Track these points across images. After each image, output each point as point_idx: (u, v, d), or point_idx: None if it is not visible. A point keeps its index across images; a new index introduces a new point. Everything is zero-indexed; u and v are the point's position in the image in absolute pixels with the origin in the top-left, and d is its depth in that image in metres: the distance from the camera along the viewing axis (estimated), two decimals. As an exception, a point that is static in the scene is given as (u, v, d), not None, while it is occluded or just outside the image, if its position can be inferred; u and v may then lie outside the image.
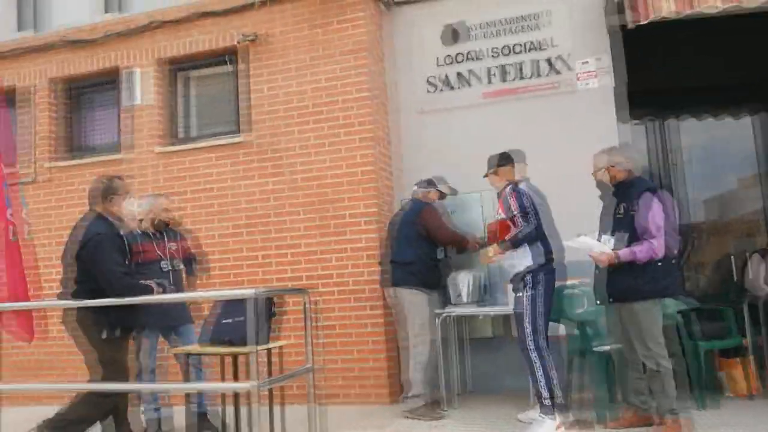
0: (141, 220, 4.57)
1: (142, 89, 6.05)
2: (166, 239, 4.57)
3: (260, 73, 5.70)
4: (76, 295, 3.61)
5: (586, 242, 3.78)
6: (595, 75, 5.24)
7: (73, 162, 6.23)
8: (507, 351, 5.25)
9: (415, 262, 4.68)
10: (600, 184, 3.95)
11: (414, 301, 4.64)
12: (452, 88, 5.66)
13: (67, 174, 6.21)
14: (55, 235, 6.09)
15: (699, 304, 5.21)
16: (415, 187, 5.02)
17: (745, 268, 5.10)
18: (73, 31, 6.30)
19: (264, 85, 5.68)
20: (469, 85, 5.61)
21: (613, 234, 3.77)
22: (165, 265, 4.45)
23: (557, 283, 4.78)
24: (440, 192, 5.02)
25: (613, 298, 3.80)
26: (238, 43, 5.74)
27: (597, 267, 3.87)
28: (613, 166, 3.87)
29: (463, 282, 4.97)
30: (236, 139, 5.71)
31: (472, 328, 5.39)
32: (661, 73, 5.89)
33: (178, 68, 6.16)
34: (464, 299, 4.92)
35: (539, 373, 3.83)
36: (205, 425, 4.43)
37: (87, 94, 6.52)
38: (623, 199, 3.79)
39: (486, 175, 4.41)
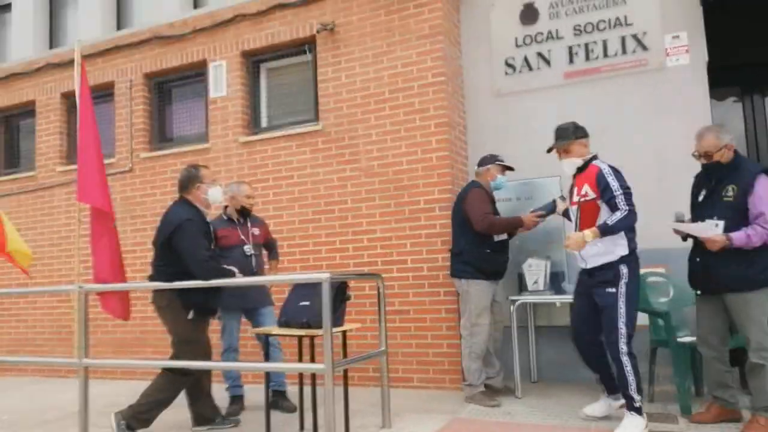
0: (226, 207, 4.80)
1: (227, 81, 6.31)
2: (249, 225, 4.77)
3: (338, 61, 5.79)
4: (164, 278, 3.86)
5: (697, 226, 3.58)
6: (687, 50, 4.92)
7: (165, 152, 6.60)
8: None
9: (464, 251, 4.58)
10: (710, 166, 3.63)
11: (469, 291, 4.57)
12: (531, 69, 5.50)
13: (161, 163, 6.60)
14: (150, 220, 6.52)
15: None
16: (476, 167, 4.83)
17: None
18: (164, 27, 6.67)
19: (342, 73, 5.77)
20: (550, 65, 5.43)
21: (720, 218, 3.54)
22: (248, 249, 4.65)
23: (641, 271, 4.61)
24: (503, 166, 4.74)
25: (714, 288, 3.58)
26: (317, 32, 5.85)
27: (694, 254, 3.67)
28: (727, 146, 3.58)
29: (539, 268, 4.86)
30: (315, 127, 5.84)
31: (547, 316, 5.26)
32: (746, 47, 5.43)
33: (260, 59, 6.37)
34: (540, 287, 4.82)
35: (630, 378, 3.57)
36: (283, 403, 4.63)
37: (177, 87, 6.89)
38: (731, 181, 3.53)
39: (555, 149, 3.99)
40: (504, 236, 4.67)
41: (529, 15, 5.56)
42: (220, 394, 4.62)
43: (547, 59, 5.45)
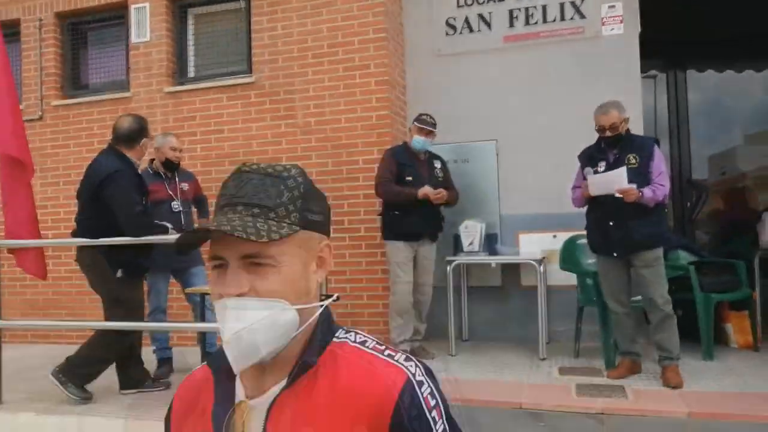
0: (152, 160, 4.52)
1: (151, 26, 5.87)
2: (177, 179, 4.52)
3: (274, 10, 5.51)
4: (89, 233, 3.59)
5: (609, 176, 3.73)
6: (621, 20, 5.07)
7: (80, 100, 6.10)
8: (514, 300, 5.31)
9: (383, 213, 4.63)
10: (615, 138, 3.83)
11: (388, 252, 4.62)
12: (472, 30, 5.48)
13: (75, 112, 6.10)
14: (62, 174, 6.05)
15: (710, 257, 5.25)
16: None
17: (759, 223, 5.06)
18: (78, -38, 6.07)
19: (278, 24, 5.50)
20: (490, 27, 5.43)
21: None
22: (176, 205, 4.41)
23: (565, 234, 4.81)
24: (420, 127, 4.53)
25: (632, 248, 3.76)
26: (251, -22, 5.53)
27: (604, 220, 3.84)
28: (626, 120, 3.87)
29: (474, 230, 4.95)
30: (248, 80, 5.57)
31: (480, 277, 5.40)
32: (676, 22, 5.69)
33: (187, 4, 5.96)
34: (475, 248, 4.91)
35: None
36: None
37: (94, 30, 6.33)
38: (631, 150, 3.80)
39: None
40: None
41: (470, -25, 5.51)
42: (146, 357, 4.43)
43: (488, 21, 5.44)
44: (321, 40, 5.36)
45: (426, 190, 4.39)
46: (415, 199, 4.38)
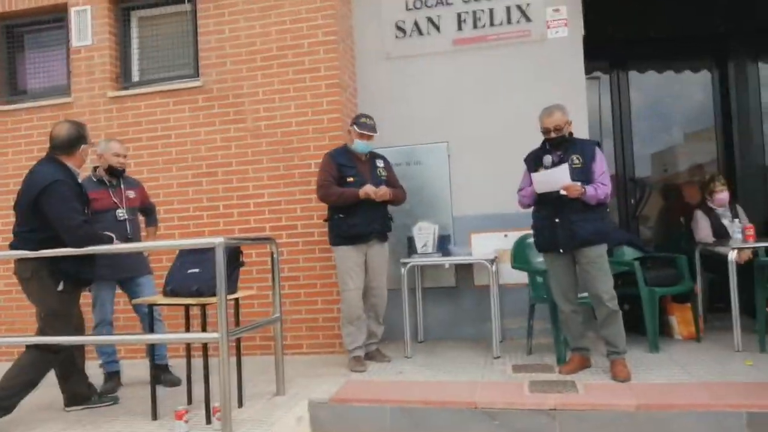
0: (96, 167, 4.37)
1: (93, 29, 5.67)
2: (123, 187, 4.38)
3: (221, 12, 5.41)
4: (29, 245, 3.44)
5: (556, 170, 3.81)
6: (566, 23, 5.19)
7: (18, 106, 5.85)
8: (468, 299, 5.37)
9: (328, 217, 4.54)
10: (559, 139, 3.92)
11: (336, 258, 4.56)
12: (422, 33, 5.52)
13: (13, 119, 5.83)
14: (1, 184, 5.78)
15: (654, 252, 5.44)
16: None
17: (692, 221, 5.29)
18: (12, -38, 5.82)
19: (225, 26, 5.41)
20: (439, 31, 5.48)
21: None
22: (121, 213, 4.27)
23: (520, 233, 4.90)
24: (361, 132, 4.45)
25: (575, 244, 3.85)
26: (197, -20, 5.42)
27: (550, 216, 3.92)
28: (569, 122, 3.96)
29: (428, 231, 4.98)
30: (195, 84, 5.45)
31: (434, 278, 5.44)
32: (617, 22, 5.88)
33: (130, 6, 5.79)
34: (429, 249, 4.94)
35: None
36: (167, 377, 4.38)
37: (32, 33, 6.07)
38: (574, 151, 3.91)
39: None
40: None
41: (419, -22, 5.54)
42: (92, 371, 4.28)
43: (437, 25, 5.49)
44: (270, 42, 5.30)
45: (367, 189, 4.33)
46: (358, 198, 4.33)
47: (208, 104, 5.42)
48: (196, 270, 3.44)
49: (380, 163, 4.64)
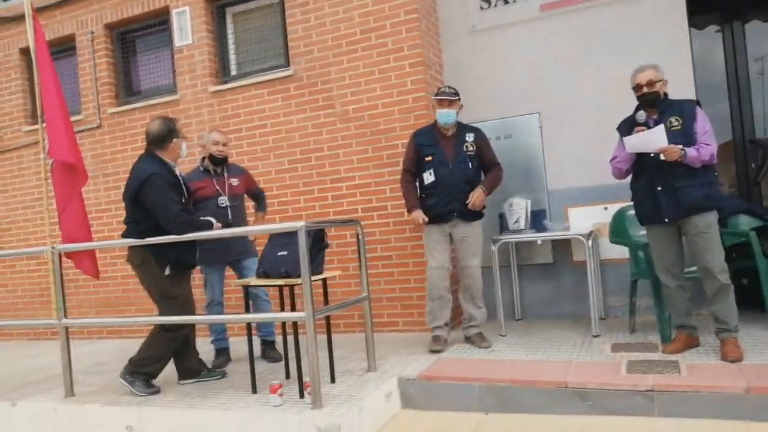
0: (203, 158, 4.65)
1: (192, 28, 6.04)
2: (226, 175, 4.61)
3: (306, 1, 5.54)
4: (136, 234, 3.77)
5: (650, 134, 3.51)
6: (664, -25, 4.77)
7: (134, 106, 6.38)
8: (566, 276, 5.16)
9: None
10: (653, 99, 3.61)
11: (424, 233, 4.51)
12: (507, 2, 5.32)
13: (129, 118, 6.38)
14: (122, 177, 6.29)
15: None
16: None
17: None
18: (121, -26, 6.32)
19: (311, 14, 5.53)
20: (525, -3, 5.25)
21: None
22: (223, 200, 4.51)
23: (617, 205, 4.62)
24: (439, 99, 4.31)
25: (682, 212, 3.56)
26: (282, -28, 5.58)
27: (651, 184, 3.63)
28: (664, 81, 3.64)
29: (519, 207, 4.84)
30: (286, 73, 5.64)
31: (529, 254, 5.28)
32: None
33: (225, 3, 6.09)
34: (521, 225, 4.80)
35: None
36: (271, 353, 4.64)
37: (141, 37, 6.58)
38: (672, 113, 3.59)
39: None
40: (433, 178, 4.30)
41: (503, -55, 5.32)
42: (206, 347, 4.64)
43: (523, -9, 5.26)
44: (353, 26, 5.35)
45: (416, 216, 4.31)
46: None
47: (299, 92, 5.60)
48: (284, 253, 3.60)
49: (470, 138, 4.38)
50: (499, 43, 5.34)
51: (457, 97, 4.34)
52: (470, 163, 4.35)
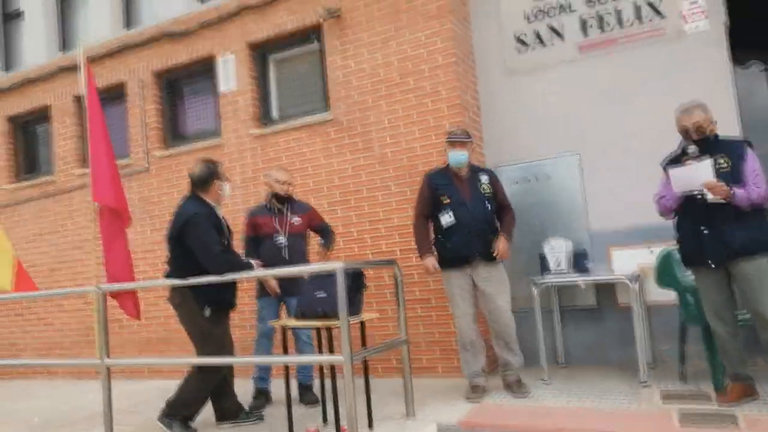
0: (269, 195, 4.69)
1: (236, 74, 6.27)
2: (287, 213, 4.62)
3: (346, 48, 5.69)
4: (178, 274, 3.84)
5: (696, 168, 3.40)
6: (705, 14, 4.72)
7: (180, 149, 6.59)
8: (611, 320, 5.00)
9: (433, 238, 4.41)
10: (702, 140, 3.53)
11: (443, 280, 4.43)
12: (544, 44, 5.34)
13: (176, 162, 6.59)
14: (168, 219, 6.45)
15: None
16: None
17: None
18: (171, 24, 6.63)
19: (350, 60, 5.67)
20: (563, 38, 5.27)
21: None
22: (279, 239, 4.51)
23: (665, 246, 4.47)
24: (450, 141, 4.29)
25: (728, 256, 3.42)
26: (323, 19, 5.76)
27: (696, 225, 3.51)
28: (713, 121, 3.57)
29: (560, 248, 4.75)
30: (326, 117, 5.77)
31: (572, 297, 5.14)
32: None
33: (267, 51, 6.31)
34: (562, 267, 4.69)
35: None
36: (308, 397, 4.58)
37: (187, 84, 6.86)
38: (720, 152, 3.49)
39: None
40: (451, 220, 4.22)
41: (538, -12, 5.39)
42: (244, 388, 4.61)
43: (560, 33, 5.28)
44: (392, 71, 5.45)
45: (428, 263, 4.27)
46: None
47: (339, 135, 5.69)
48: (322, 293, 3.60)
49: (484, 179, 4.37)
50: (537, 84, 5.35)
51: (468, 139, 4.35)
52: (488, 204, 4.31)
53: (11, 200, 7.68)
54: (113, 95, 7.00)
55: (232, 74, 6.28)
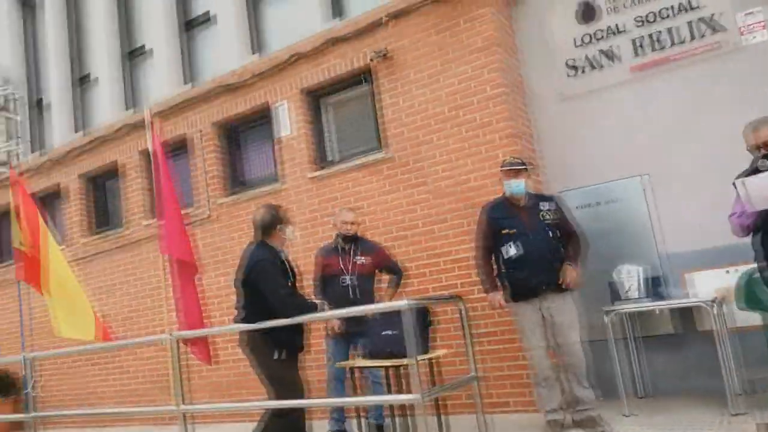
0: (337, 235, 4.79)
1: (291, 120, 6.45)
2: (353, 253, 4.66)
3: (394, 86, 5.79)
4: (248, 319, 3.90)
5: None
6: (763, 25, 4.55)
7: (240, 196, 6.79)
8: (693, 347, 4.73)
9: (498, 271, 4.32)
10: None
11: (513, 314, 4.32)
12: (595, 67, 5.27)
13: (237, 207, 6.78)
14: (233, 264, 6.58)
15: None
16: None
17: None
18: (227, 76, 6.92)
19: (399, 98, 5.75)
20: (614, 61, 5.19)
21: None
22: (345, 279, 4.55)
23: (746, 267, 4.23)
24: (505, 170, 4.25)
25: None
26: (371, 60, 5.89)
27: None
28: None
29: (632, 274, 4.57)
30: (379, 155, 5.84)
31: (648, 325, 4.91)
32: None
33: (320, 95, 6.48)
34: (634, 294, 4.51)
35: None
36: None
37: (245, 132, 7.11)
38: None
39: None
40: (515, 251, 4.12)
41: (587, 13, 5.35)
42: (321, 430, 4.57)
43: (611, 55, 5.20)
44: (441, 105, 5.49)
45: (494, 300, 4.21)
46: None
47: (392, 172, 5.74)
48: (389, 332, 3.57)
49: (545, 206, 4.24)
50: (591, 108, 5.26)
51: (523, 167, 4.25)
52: (551, 233, 4.18)
53: (86, 253, 8.06)
54: (176, 148, 7.31)
55: (287, 120, 6.47)
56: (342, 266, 4.57)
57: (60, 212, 8.60)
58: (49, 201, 8.76)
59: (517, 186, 4.21)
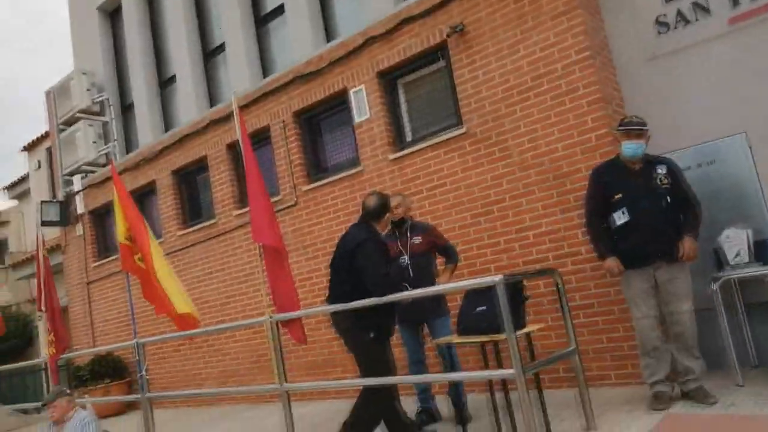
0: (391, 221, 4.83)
1: (369, 103, 6.49)
2: (408, 235, 4.73)
3: (472, 60, 5.69)
4: (343, 299, 3.99)
5: None
6: None
7: (323, 182, 6.93)
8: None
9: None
10: None
11: (621, 282, 4.16)
12: (688, 22, 4.95)
13: (321, 193, 6.93)
14: (320, 248, 6.86)
15: None
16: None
17: None
18: (303, 66, 7.04)
19: (478, 71, 5.65)
20: (709, 13, 4.85)
21: None
22: (403, 260, 4.62)
23: None
24: (627, 130, 4.03)
25: None
26: (447, 36, 5.81)
27: None
28: None
29: (739, 239, 4.30)
30: (460, 131, 5.77)
31: (758, 292, 4.62)
32: None
33: (396, 76, 6.47)
34: (744, 259, 4.25)
35: None
36: (465, 414, 4.52)
37: (324, 119, 7.22)
38: None
39: None
40: (625, 218, 3.96)
41: (675, -36, 5.01)
42: (409, 407, 4.67)
43: (706, 7, 4.86)
44: (523, 75, 5.35)
45: (612, 265, 4.00)
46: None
47: (475, 147, 5.67)
48: (483, 308, 3.56)
49: (661, 170, 4.05)
50: (684, 66, 4.96)
51: (647, 128, 4.05)
52: (666, 198, 3.98)
53: (184, 244, 8.52)
54: (260, 138, 7.56)
55: (364, 104, 6.52)
56: (400, 248, 4.64)
57: (155, 207, 9.13)
58: (145, 197, 9.32)
59: (639, 148, 4.01)
